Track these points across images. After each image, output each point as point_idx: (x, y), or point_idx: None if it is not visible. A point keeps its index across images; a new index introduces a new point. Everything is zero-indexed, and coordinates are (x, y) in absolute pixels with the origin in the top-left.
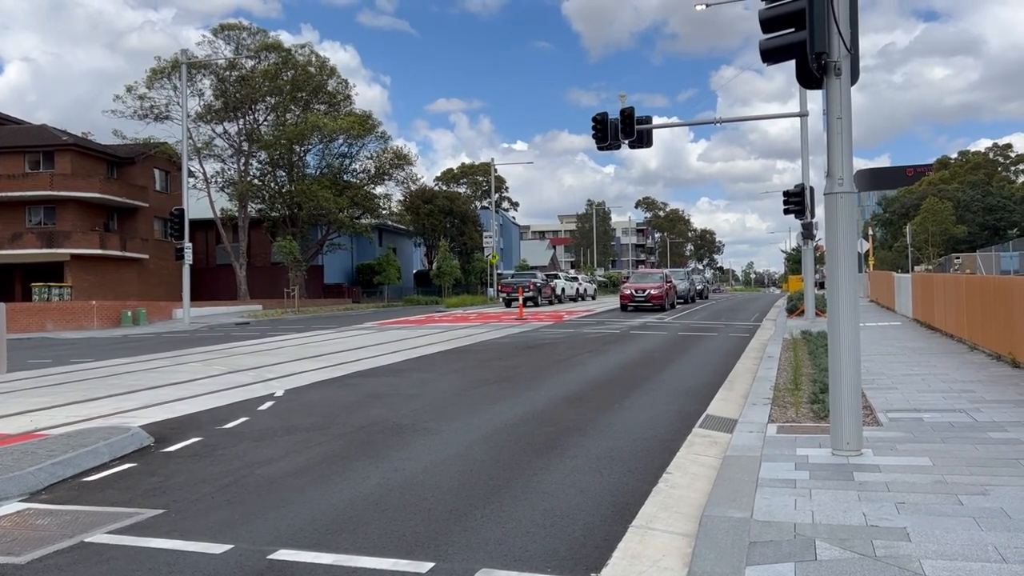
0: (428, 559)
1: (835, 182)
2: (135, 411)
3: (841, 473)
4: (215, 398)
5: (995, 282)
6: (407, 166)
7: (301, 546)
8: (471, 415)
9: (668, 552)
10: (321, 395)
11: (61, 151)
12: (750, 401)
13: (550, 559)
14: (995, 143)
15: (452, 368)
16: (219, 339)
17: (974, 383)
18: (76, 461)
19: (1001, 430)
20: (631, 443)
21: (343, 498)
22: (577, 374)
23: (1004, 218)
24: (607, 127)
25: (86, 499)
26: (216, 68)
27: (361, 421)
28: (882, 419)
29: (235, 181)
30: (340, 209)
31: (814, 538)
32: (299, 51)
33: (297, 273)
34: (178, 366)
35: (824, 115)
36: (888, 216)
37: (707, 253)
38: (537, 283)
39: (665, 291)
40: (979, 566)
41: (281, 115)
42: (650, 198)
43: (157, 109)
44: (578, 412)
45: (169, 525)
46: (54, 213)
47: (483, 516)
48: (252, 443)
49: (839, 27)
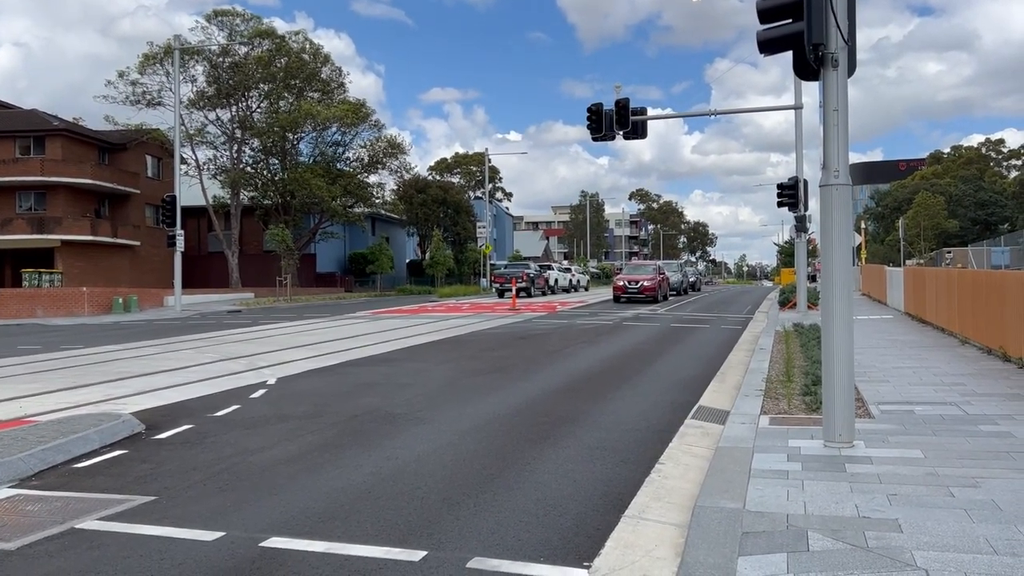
0: (421, 548)
1: (831, 174)
2: (126, 398)
3: (833, 465)
4: (207, 385)
5: (986, 276)
6: (401, 155)
7: (293, 534)
8: (464, 405)
9: (661, 542)
10: (313, 384)
11: (52, 136)
12: (742, 393)
13: (543, 548)
14: (988, 138)
15: (445, 358)
16: (211, 327)
17: (965, 376)
18: (66, 447)
19: (992, 423)
20: (624, 434)
21: (335, 486)
22: (570, 365)
23: (996, 213)
24: (602, 118)
25: (76, 485)
26: (209, 54)
27: (354, 410)
28: (874, 411)
29: (227, 168)
30: (333, 198)
31: (806, 529)
32: (293, 38)
33: (289, 261)
34: (169, 353)
35: (820, 107)
36: (880, 210)
37: (700, 245)
38: (530, 274)
39: (658, 283)
40: (970, 557)
41: (274, 102)
42: (644, 190)
43: (149, 95)
44: (571, 402)
45: (160, 512)
46: (45, 199)
47: (476, 505)
48: (244, 431)
49: (836, 18)
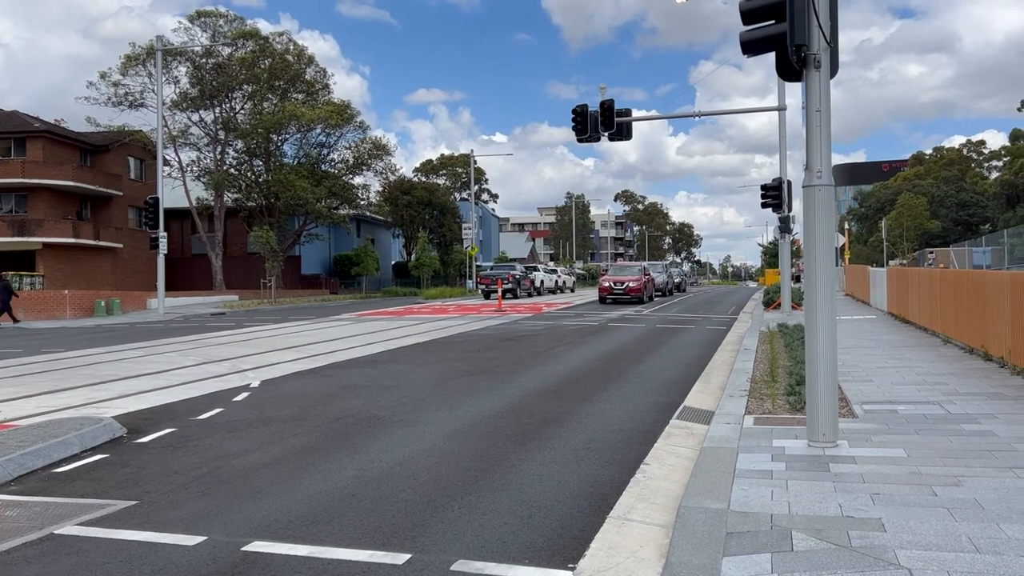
0: (405, 551)
1: (813, 175)
2: (108, 401)
3: (817, 464)
4: (189, 389)
5: (968, 276)
6: (386, 156)
7: (276, 538)
8: (449, 407)
9: (645, 543)
10: (297, 386)
11: (33, 138)
12: (727, 393)
13: (528, 550)
14: (969, 139)
15: (430, 360)
16: (194, 329)
17: (948, 375)
18: (46, 452)
19: (974, 422)
20: (609, 435)
21: (319, 489)
22: (556, 366)
23: (977, 213)
24: (587, 119)
25: (56, 490)
26: (192, 55)
27: (338, 412)
28: (857, 411)
29: (211, 170)
30: (318, 199)
31: (790, 529)
32: (277, 39)
33: (274, 263)
34: (152, 356)
35: (803, 108)
36: (863, 211)
37: (685, 246)
38: (516, 275)
39: (643, 284)
40: (953, 556)
41: (258, 104)
42: (629, 191)
43: (132, 96)
44: (556, 404)
45: (141, 517)
46: (26, 201)
47: (460, 508)
48: (227, 434)
49: (819, 20)
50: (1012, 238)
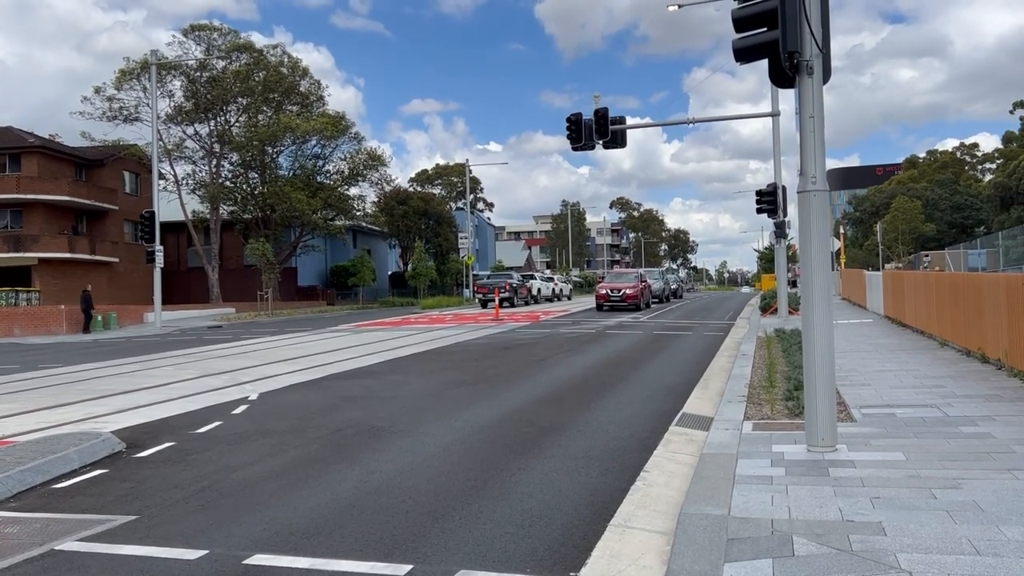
0: (406, 561)
1: (808, 180)
2: (106, 416)
3: (816, 469)
4: (188, 402)
5: (964, 279)
6: (381, 167)
7: (277, 550)
8: (448, 416)
9: (647, 550)
10: (296, 398)
11: (28, 153)
12: (725, 399)
13: (529, 559)
14: (962, 142)
15: (429, 370)
16: (191, 343)
17: (945, 378)
18: (46, 468)
19: (972, 424)
20: (608, 442)
21: (319, 501)
22: (554, 374)
23: (971, 216)
24: (581, 127)
25: (56, 506)
26: (187, 69)
27: (337, 424)
28: (856, 415)
29: (206, 183)
30: (313, 211)
31: (791, 534)
32: (271, 52)
33: (270, 275)
34: (150, 370)
35: (797, 114)
36: (858, 215)
37: (681, 253)
38: (513, 284)
39: (640, 291)
40: (953, 559)
41: (253, 116)
42: (624, 198)
43: (126, 110)
44: (555, 412)
45: (142, 531)
46: (21, 216)
47: (461, 517)
48: (226, 447)
49: (811, 26)
50: (1007, 240)
